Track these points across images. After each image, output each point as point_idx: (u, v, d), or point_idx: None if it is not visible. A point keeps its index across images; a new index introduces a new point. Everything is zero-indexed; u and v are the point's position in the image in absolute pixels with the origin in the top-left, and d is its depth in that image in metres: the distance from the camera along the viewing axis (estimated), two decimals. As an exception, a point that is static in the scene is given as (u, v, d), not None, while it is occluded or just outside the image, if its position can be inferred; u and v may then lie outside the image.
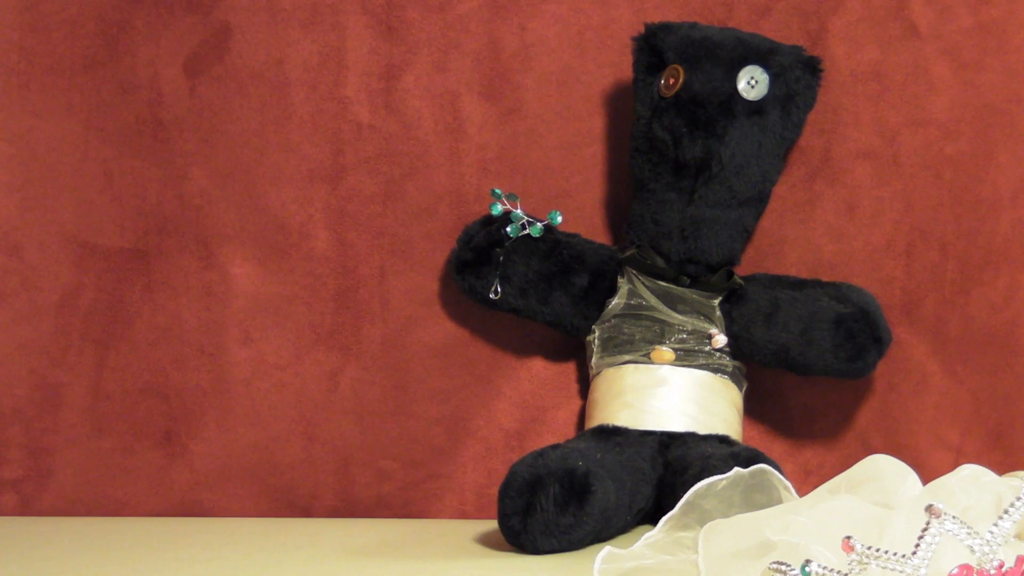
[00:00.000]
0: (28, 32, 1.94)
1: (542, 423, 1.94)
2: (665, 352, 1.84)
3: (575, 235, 1.91)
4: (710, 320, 1.85)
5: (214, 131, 1.95)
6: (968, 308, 1.93)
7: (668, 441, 1.81)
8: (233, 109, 1.95)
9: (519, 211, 1.88)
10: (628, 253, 1.86)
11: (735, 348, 1.86)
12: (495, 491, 1.68)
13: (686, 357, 1.84)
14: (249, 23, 1.94)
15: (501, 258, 1.87)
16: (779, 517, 1.41)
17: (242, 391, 1.94)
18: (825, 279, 1.91)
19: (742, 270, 1.90)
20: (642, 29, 1.90)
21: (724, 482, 1.55)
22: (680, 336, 1.84)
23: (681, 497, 1.55)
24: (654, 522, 1.56)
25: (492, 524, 1.70)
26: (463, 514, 1.94)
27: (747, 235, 1.89)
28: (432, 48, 1.94)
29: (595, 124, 1.97)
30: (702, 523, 1.49)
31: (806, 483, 1.83)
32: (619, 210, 1.95)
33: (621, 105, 1.95)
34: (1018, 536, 1.37)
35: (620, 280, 1.87)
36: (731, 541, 1.43)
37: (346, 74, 1.94)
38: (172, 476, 1.94)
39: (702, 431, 1.82)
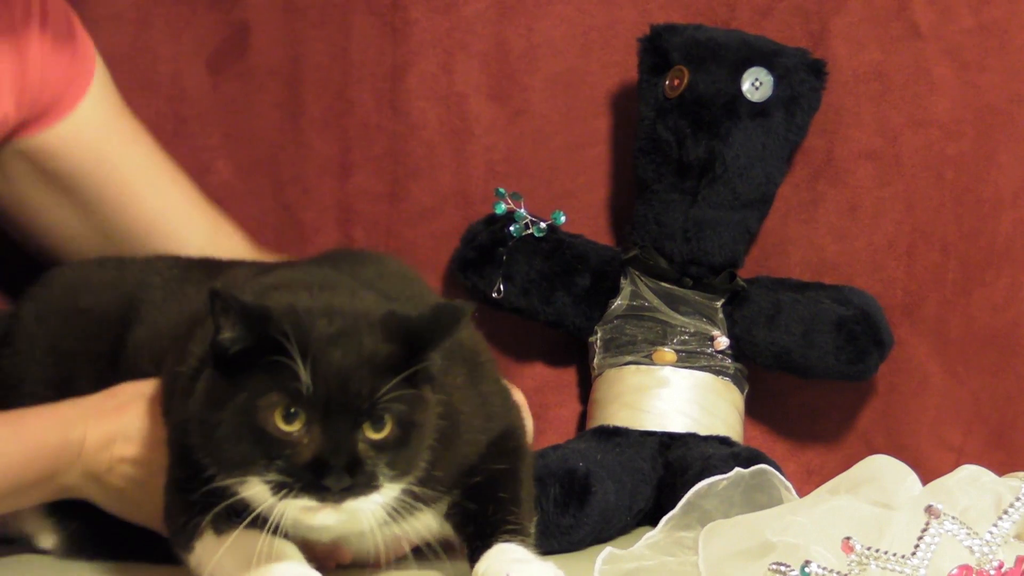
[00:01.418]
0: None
1: (543, 423, 1.94)
2: (667, 353, 1.84)
3: (578, 236, 1.91)
4: (712, 322, 1.85)
5: (234, 127, 1.96)
6: (969, 308, 1.93)
7: (669, 442, 1.81)
8: (252, 106, 1.96)
9: (523, 210, 1.88)
10: (631, 254, 1.86)
11: (737, 350, 1.86)
12: (496, 491, 1.68)
13: (688, 358, 1.84)
14: (266, 21, 1.95)
15: (504, 257, 1.88)
16: (779, 518, 1.42)
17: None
18: (827, 279, 1.91)
19: (745, 270, 1.90)
20: (647, 30, 1.90)
21: (725, 482, 1.55)
22: (682, 337, 1.84)
23: (681, 497, 1.55)
24: (654, 523, 1.56)
25: (493, 524, 1.70)
26: (464, 514, 1.94)
27: (750, 237, 1.89)
28: (438, 49, 1.94)
29: (600, 125, 1.97)
30: (703, 523, 1.49)
31: (808, 483, 1.83)
32: (623, 211, 1.95)
33: (626, 106, 1.95)
34: (1018, 536, 1.38)
35: (623, 281, 1.87)
36: (731, 542, 1.43)
37: (352, 74, 1.95)
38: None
39: (703, 432, 1.82)
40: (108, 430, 1.46)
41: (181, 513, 1.36)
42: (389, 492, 1.29)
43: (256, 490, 1.28)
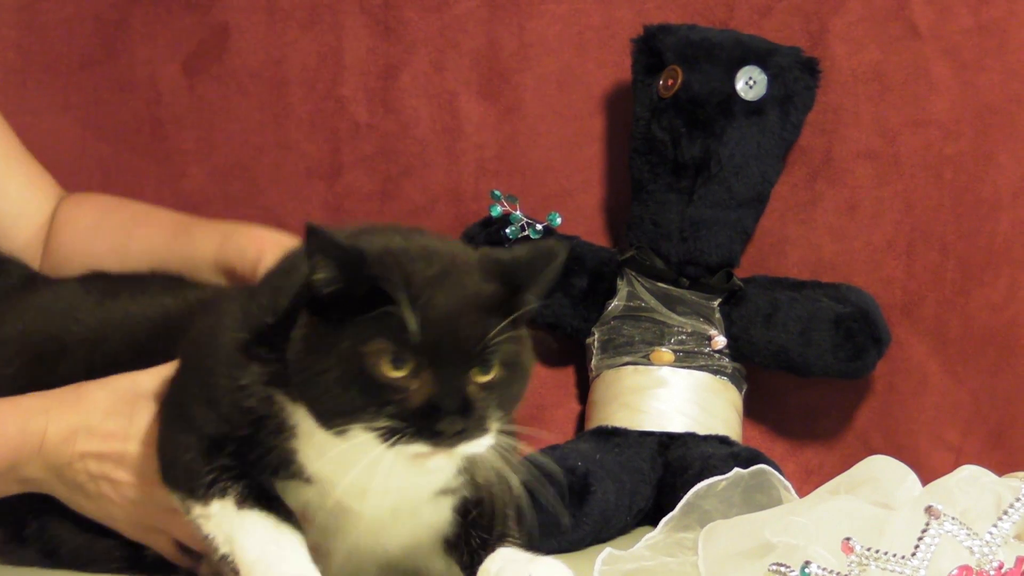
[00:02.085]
0: (26, 30, 1.94)
1: (542, 423, 1.94)
2: (665, 353, 1.83)
3: (574, 237, 1.91)
4: (709, 322, 1.85)
5: (213, 130, 1.95)
6: (968, 308, 1.93)
7: (668, 442, 1.81)
8: (232, 108, 1.95)
9: (518, 213, 1.88)
10: (627, 255, 1.86)
11: (735, 349, 1.85)
12: (494, 492, 1.68)
13: (686, 358, 1.84)
14: (248, 23, 1.95)
15: (501, 260, 1.87)
16: (779, 518, 1.41)
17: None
18: (826, 279, 1.91)
19: (743, 270, 1.90)
20: (642, 30, 1.90)
21: (724, 483, 1.55)
22: (680, 338, 1.84)
23: (681, 497, 1.54)
24: (654, 523, 1.56)
25: (492, 525, 1.70)
26: (463, 514, 1.94)
27: (746, 237, 1.89)
28: (430, 48, 1.94)
29: (595, 124, 1.97)
30: (702, 524, 1.49)
31: (807, 483, 1.83)
32: (619, 211, 1.95)
33: (621, 106, 1.95)
34: (1017, 537, 1.37)
35: (619, 282, 1.87)
36: (731, 542, 1.43)
37: (344, 74, 1.94)
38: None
39: (702, 432, 1.82)
40: (70, 423, 1.44)
41: (198, 465, 1.32)
42: (495, 435, 1.27)
43: (360, 439, 1.24)
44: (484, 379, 1.26)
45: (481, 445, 1.26)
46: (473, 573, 1.37)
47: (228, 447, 1.32)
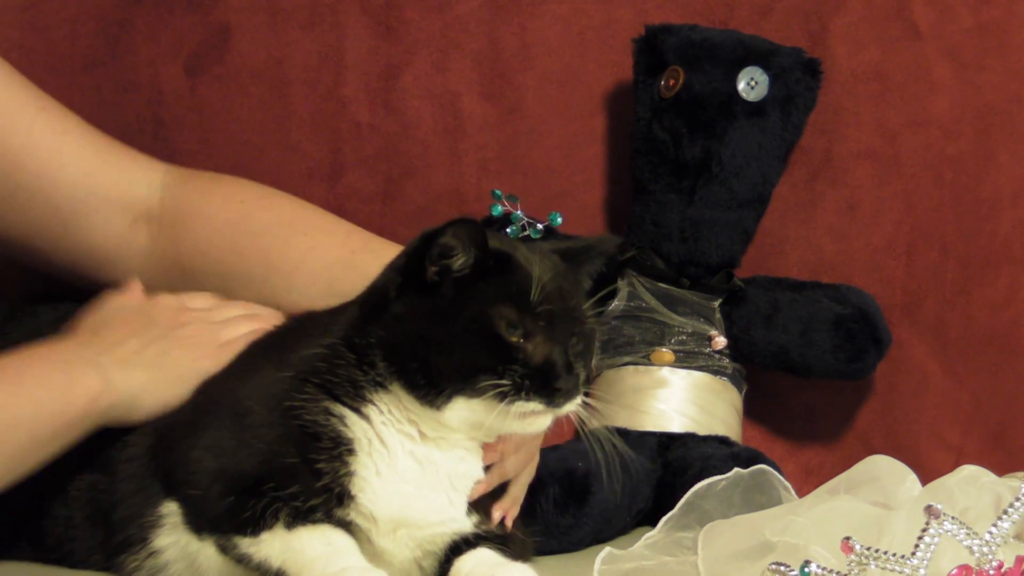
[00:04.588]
0: (28, 31, 1.94)
1: (541, 424, 1.94)
2: (665, 354, 1.83)
3: (575, 237, 1.91)
4: (710, 322, 1.85)
5: (214, 130, 1.95)
6: (969, 308, 1.93)
7: (667, 442, 1.81)
8: (233, 108, 1.95)
9: (519, 212, 1.88)
10: (628, 255, 1.86)
11: (735, 350, 1.86)
12: (495, 492, 1.68)
13: (686, 359, 1.84)
14: (249, 23, 1.95)
15: (501, 259, 1.87)
16: (779, 518, 1.41)
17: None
18: (826, 279, 1.91)
19: (743, 271, 1.90)
20: (643, 30, 1.90)
21: (724, 482, 1.55)
22: (680, 338, 1.84)
23: (681, 497, 1.55)
24: (653, 523, 1.56)
25: (492, 525, 1.70)
26: (463, 515, 1.93)
27: (747, 237, 1.89)
28: (431, 48, 1.94)
29: (596, 124, 1.97)
30: (702, 523, 1.49)
31: (807, 483, 1.83)
32: (619, 211, 1.95)
33: (622, 106, 1.95)
34: (1017, 536, 1.37)
35: (620, 282, 1.87)
36: (731, 542, 1.43)
37: (345, 74, 1.94)
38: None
39: (701, 432, 1.82)
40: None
41: (241, 504, 1.35)
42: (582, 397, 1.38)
43: (461, 410, 1.33)
44: (575, 346, 1.37)
45: (576, 404, 1.36)
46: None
47: (271, 483, 1.35)
